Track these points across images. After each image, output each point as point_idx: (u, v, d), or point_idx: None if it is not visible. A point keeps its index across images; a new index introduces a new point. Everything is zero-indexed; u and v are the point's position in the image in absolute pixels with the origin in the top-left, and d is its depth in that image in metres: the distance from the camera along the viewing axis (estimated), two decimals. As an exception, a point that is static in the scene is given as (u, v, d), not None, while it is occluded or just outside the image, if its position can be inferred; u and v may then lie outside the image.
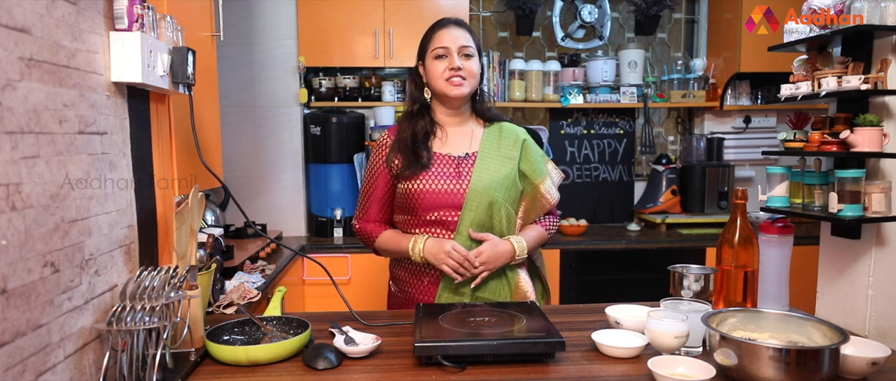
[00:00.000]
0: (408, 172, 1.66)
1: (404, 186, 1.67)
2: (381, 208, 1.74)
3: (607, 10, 3.50)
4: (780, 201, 1.71)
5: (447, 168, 1.67)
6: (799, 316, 1.24)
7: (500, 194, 1.65)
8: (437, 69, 1.67)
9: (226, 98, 2.97)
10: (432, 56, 1.69)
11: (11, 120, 0.90)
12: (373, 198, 1.74)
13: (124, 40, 1.20)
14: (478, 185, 1.64)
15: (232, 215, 3.25)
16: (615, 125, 3.71)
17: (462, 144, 1.72)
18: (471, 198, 1.63)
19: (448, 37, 1.68)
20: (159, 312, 1.11)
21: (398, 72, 3.53)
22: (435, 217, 1.65)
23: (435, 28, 1.73)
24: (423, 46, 1.75)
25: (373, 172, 1.74)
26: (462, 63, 1.66)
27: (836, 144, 1.57)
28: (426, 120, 1.72)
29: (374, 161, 1.74)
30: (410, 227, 1.69)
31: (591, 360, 1.25)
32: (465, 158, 1.69)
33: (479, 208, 1.63)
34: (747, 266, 1.51)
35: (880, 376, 1.17)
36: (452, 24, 1.72)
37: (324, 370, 1.21)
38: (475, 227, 1.63)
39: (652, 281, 2.87)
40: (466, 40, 1.69)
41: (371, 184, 1.74)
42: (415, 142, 1.68)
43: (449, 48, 1.67)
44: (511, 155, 1.70)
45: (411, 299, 1.71)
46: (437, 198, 1.64)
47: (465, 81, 1.67)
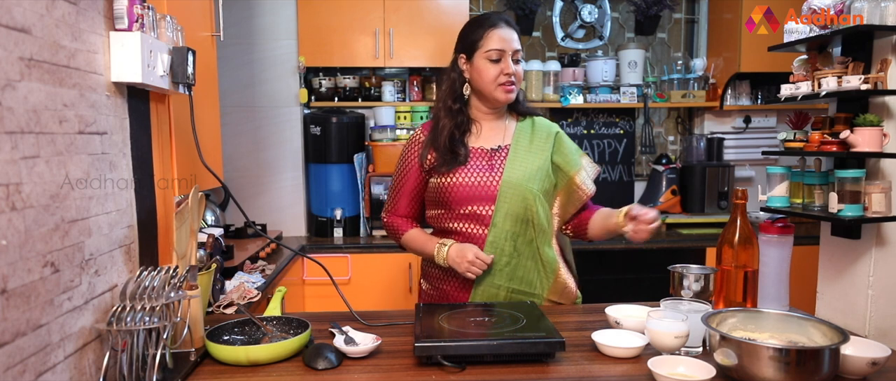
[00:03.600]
0: (444, 168, 1.64)
1: (437, 180, 1.66)
2: (410, 203, 1.75)
3: (607, 10, 3.50)
4: (780, 201, 1.72)
5: (480, 161, 1.66)
6: (799, 316, 1.24)
7: (534, 186, 1.63)
8: (489, 73, 1.63)
9: (226, 98, 2.97)
10: (484, 57, 1.63)
11: (11, 120, 0.90)
12: (403, 192, 1.74)
13: (124, 40, 1.20)
14: (511, 177, 1.62)
15: (232, 215, 3.25)
16: (615, 125, 3.71)
17: (495, 137, 1.70)
18: (504, 190, 1.62)
19: (502, 39, 1.63)
20: (159, 312, 1.11)
21: (398, 72, 3.53)
22: (469, 211, 1.63)
23: (486, 25, 1.66)
24: (470, 42, 1.67)
25: (404, 166, 1.74)
26: (515, 69, 1.64)
27: (836, 144, 1.58)
28: (464, 115, 1.69)
29: (406, 156, 1.74)
30: (445, 221, 1.68)
31: (591, 360, 1.25)
32: (498, 150, 1.68)
33: (512, 200, 1.62)
34: (747, 266, 1.51)
35: (880, 376, 1.17)
36: (504, 23, 1.66)
37: (324, 370, 1.21)
38: (509, 220, 1.62)
39: (652, 281, 2.87)
40: (518, 44, 1.66)
41: (402, 178, 1.74)
42: (453, 140, 1.66)
43: (505, 52, 1.62)
44: (543, 148, 1.68)
45: (445, 296, 1.70)
46: (470, 191, 1.63)
47: (514, 86, 1.66)
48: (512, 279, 1.64)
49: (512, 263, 1.64)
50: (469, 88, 1.69)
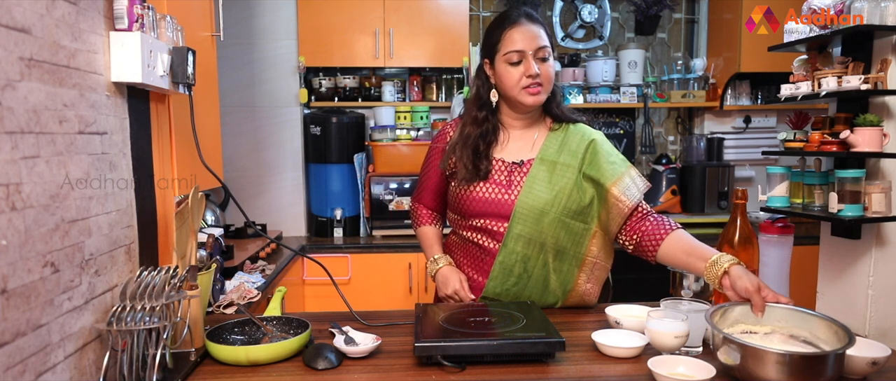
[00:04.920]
0: (463, 180, 1.57)
1: (455, 187, 1.61)
2: (434, 197, 1.74)
3: (607, 10, 3.50)
4: (780, 201, 1.71)
5: (499, 175, 1.56)
6: (803, 311, 1.23)
7: (553, 208, 1.51)
8: (511, 77, 1.51)
9: (226, 98, 2.97)
10: (505, 61, 1.52)
11: (11, 120, 0.90)
12: (427, 186, 1.73)
13: (124, 40, 1.19)
14: (527, 198, 1.52)
15: (232, 215, 3.25)
16: (615, 125, 3.71)
17: (521, 150, 1.59)
18: (518, 212, 1.52)
19: (522, 38, 1.50)
20: (159, 312, 1.11)
21: (398, 72, 3.53)
22: (481, 224, 1.57)
23: (505, 25, 1.53)
24: (491, 45, 1.56)
25: (429, 161, 1.71)
26: (539, 68, 1.50)
27: (836, 144, 1.57)
28: (491, 124, 1.58)
29: (431, 152, 1.71)
30: (460, 228, 1.65)
31: (591, 360, 1.25)
32: (520, 165, 1.57)
33: (526, 222, 1.52)
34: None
35: (880, 376, 1.17)
36: (525, 19, 1.52)
37: (324, 370, 1.21)
38: (521, 243, 1.51)
39: (652, 281, 2.87)
40: (542, 39, 1.51)
41: (427, 172, 1.72)
42: (476, 153, 1.56)
43: (525, 52, 1.49)
44: (570, 163, 1.54)
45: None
46: (484, 206, 1.55)
47: (541, 87, 1.52)
48: (519, 297, 1.57)
49: (520, 283, 1.57)
50: (497, 95, 1.58)
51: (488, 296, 1.59)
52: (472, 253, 1.63)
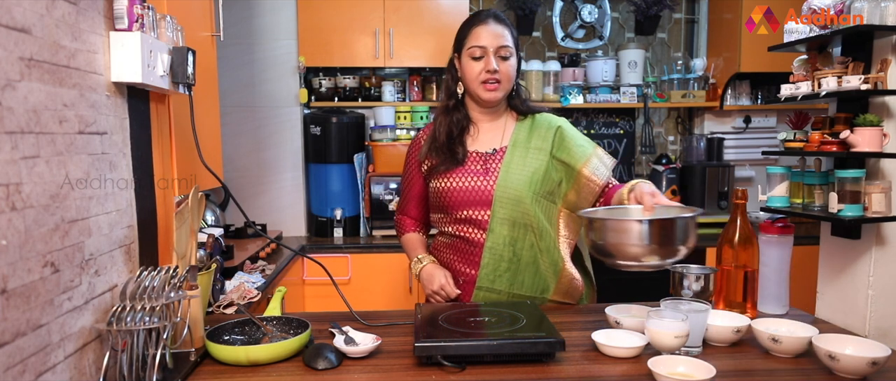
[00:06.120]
0: (443, 167, 1.65)
1: (435, 184, 1.67)
2: (418, 206, 1.78)
3: (607, 10, 3.50)
4: (780, 201, 1.71)
5: (476, 165, 1.65)
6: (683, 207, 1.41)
7: (530, 189, 1.60)
8: (472, 70, 1.62)
9: (226, 98, 2.97)
10: (468, 55, 1.62)
11: (11, 120, 0.90)
12: (410, 196, 1.78)
13: (124, 40, 1.19)
14: (505, 182, 1.61)
15: (232, 215, 3.25)
16: (615, 125, 3.71)
17: (492, 140, 1.68)
18: (499, 196, 1.60)
19: (486, 35, 1.61)
20: (159, 312, 1.11)
21: (398, 72, 3.53)
22: (466, 215, 1.63)
23: (472, 22, 1.65)
24: (459, 40, 1.67)
25: (408, 171, 1.77)
26: (498, 65, 1.60)
27: (836, 144, 1.57)
28: (461, 114, 1.68)
29: (408, 160, 1.77)
30: (445, 225, 1.70)
31: (591, 360, 1.25)
32: (493, 154, 1.66)
33: (508, 205, 1.60)
34: (747, 266, 1.51)
35: (880, 376, 1.17)
36: (492, 19, 1.63)
37: (324, 370, 1.21)
38: (507, 226, 1.59)
39: (652, 281, 2.87)
40: (505, 39, 1.61)
41: (408, 183, 1.77)
42: (451, 139, 1.66)
43: (486, 49, 1.60)
44: (542, 147, 1.64)
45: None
46: (466, 195, 1.62)
47: (499, 84, 1.61)
48: (513, 285, 1.63)
49: (512, 268, 1.62)
50: (462, 87, 1.68)
51: (483, 287, 1.62)
52: (461, 248, 1.67)
